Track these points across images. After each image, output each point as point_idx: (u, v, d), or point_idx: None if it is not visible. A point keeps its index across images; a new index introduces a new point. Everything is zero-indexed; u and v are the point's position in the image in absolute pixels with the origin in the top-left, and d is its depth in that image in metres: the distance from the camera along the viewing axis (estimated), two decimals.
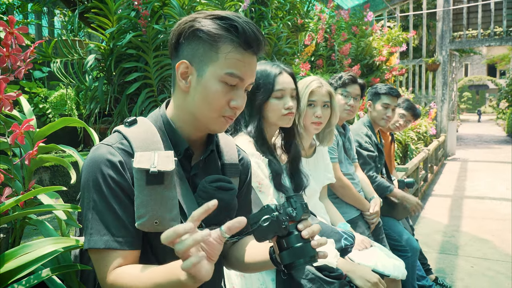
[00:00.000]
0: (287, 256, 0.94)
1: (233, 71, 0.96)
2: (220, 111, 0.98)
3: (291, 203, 0.96)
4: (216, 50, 0.95)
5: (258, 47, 0.97)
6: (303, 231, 0.94)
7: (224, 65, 0.95)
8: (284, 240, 0.94)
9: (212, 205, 0.76)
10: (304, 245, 0.93)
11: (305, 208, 0.96)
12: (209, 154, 1.08)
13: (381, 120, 2.92)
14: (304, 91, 1.93)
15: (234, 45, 0.95)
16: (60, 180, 2.21)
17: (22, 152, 1.22)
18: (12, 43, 1.21)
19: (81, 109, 3.19)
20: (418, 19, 14.03)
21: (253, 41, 0.96)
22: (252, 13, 4.04)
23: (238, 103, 0.98)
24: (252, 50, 0.97)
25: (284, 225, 0.93)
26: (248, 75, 0.99)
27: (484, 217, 5.27)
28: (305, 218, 0.97)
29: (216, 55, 0.95)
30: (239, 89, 0.99)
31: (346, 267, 1.60)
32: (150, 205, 0.91)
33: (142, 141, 0.97)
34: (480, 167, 9.44)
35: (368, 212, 2.45)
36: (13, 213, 1.12)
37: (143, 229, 0.92)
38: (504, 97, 16.80)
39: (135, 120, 1.02)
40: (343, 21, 6.69)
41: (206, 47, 0.96)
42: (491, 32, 10.22)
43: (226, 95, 0.97)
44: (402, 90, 9.58)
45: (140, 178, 0.92)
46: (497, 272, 3.46)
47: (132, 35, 2.69)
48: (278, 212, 0.93)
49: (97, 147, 0.96)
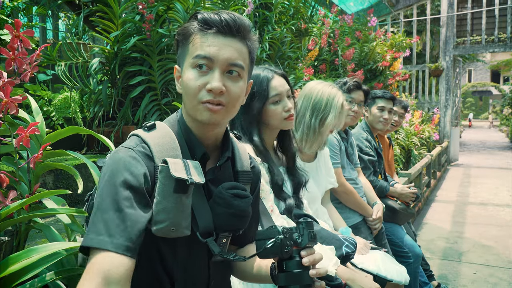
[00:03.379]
0: (284, 279, 0.95)
1: (198, 53, 0.97)
2: (196, 96, 0.97)
3: (299, 229, 0.96)
4: (187, 44, 1.00)
5: (223, 27, 0.97)
6: (304, 258, 0.95)
7: (192, 52, 0.98)
8: (285, 262, 0.95)
9: None
10: (302, 272, 0.94)
11: (312, 237, 0.97)
12: (225, 161, 1.08)
13: (378, 123, 2.94)
14: (335, 104, 1.95)
15: (196, 31, 0.99)
16: (64, 183, 2.22)
17: (29, 155, 1.23)
18: (18, 46, 1.22)
19: (85, 112, 3.20)
20: (421, 24, 14.03)
21: (214, 22, 0.97)
22: (256, 17, 4.06)
23: (212, 84, 0.96)
24: (215, 29, 0.97)
25: (287, 249, 0.94)
26: (215, 54, 0.97)
27: (487, 223, 5.25)
28: (310, 246, 0.97)
29: (187, 48, 1.00)
30: (214, 71, 0.97)
31: (346, 275, 1.60)
32: (172, 213, 0.91)
33: (162, 146, 0.97)
34: (483, 173, 9.41)
35: (371, 218, 2.44)
36: (18, 216, 1.12)
37: (158, 234, 0.91)
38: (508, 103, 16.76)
39: (154, 125, 1.02)
40: (347, 26, 6.69)
41: (183, 46, 1.02)
42: (495, 38, 10.21)
43: (199, 79, 0.97)
44: (405, 96, 9.58)
45: (167, 185, 0.91)
46: (500, 279, 3.44)
47: (136, 38, 2.70)
48: (283, 236, 0.94)
49: (117, 150, 0.96)
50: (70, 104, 3.08)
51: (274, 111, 1.59)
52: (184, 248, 0.99)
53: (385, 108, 2.94)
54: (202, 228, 0.97)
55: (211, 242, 0.98)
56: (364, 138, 2.88)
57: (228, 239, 1.06)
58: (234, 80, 1.00)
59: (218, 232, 1.01)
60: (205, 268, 1.05)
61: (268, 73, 1.61)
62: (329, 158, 2.20)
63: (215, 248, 0.98)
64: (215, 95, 0.96)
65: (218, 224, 1.00)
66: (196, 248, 1.02)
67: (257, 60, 3.59)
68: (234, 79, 1.00)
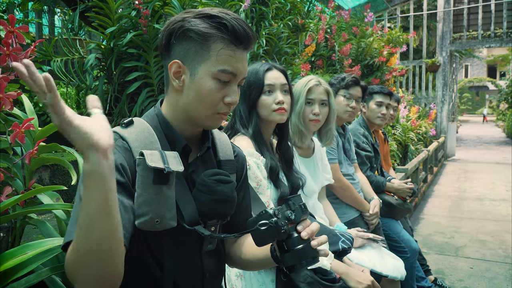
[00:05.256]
0: (289, 259, 0.94)
1: (225, 68, 0.97)
2: (215, 108, 0.99)
3: (290, 205, 0.96)
4: (208, 48, 0.97)
5: (248, 42, 0.99)
6: (302, 232, 0.94)
7: (216, 62, 0.97)
8: (285, 242, 0.94)
9: None
10: (305, 246, 0.93)
11: (304, 209, 0.96)
12: (205, 151, 1.08)
13: (376, 119, 2.96)
14: (302, 89, 1.97)
15: (225, 42, 0.97)
16: (60, 178, 2.21)
17: (23, 151, 1.22)
18: (13, 42, 1.21)
19: (81, 108, 3.18)
20: (418, 20, 14.02)
21: (243, 37, 0.97)
22: (253, 13, 4.04)
23: (232, 98, 0.99)
24: (243, 46, 0.99)
25: (283, 229, 0.93)
26: (240, 70, 1.00)
27: (484, 218, 5.27)
28: (304, 219, 0.97)
29: (208, 53, 0.97)
30: (232, 85, 1.00)
31: (340, 269, 1.60)
32: (154, 204, 0.91)
33: (140, 141, 0.97)
34: (480, 168, 9.45)
35: (368, 213, 2.45)
36: (13, 212, 1.12)
37: (143, 228, 0.91)
38: (504, 98, 16.81)
39: (132, 121, 1.02)
40: (344, 22, 6.69)
41: (197, 46, 0.97)
42: (491, 33, 10.22)
43: (220, 92, 0.98)
44: (402, 91, 9.59)
45: (146, 176, 0.92)
46: (496, 273, 3.46)
47: (132, 34, 2.69)
48: (276, 217, 0.93)
49: None
50: (66, 100, 3.07)
51: (265, 100, 1.60)
52: (172, 240, 0.99)
53: (383, 103, 2.95)
54: (187, 218, 0.97)
55: (199, 228, 0.98)
56: (361, 134, 2.89)
57: (217, 227, 1.05)
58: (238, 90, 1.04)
59: (205, 220, 1.01)
60: (197, 260, 1.05)
61: (266, 66, 1.63)
62: (325, 155, 2.20)
63: (205, 232, 0.97)
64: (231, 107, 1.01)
65: (204, 212, 1.00)
66: (185, 240, 1.02)
67: (254, 56, 3.58)
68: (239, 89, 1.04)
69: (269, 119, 1.62)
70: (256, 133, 1.59)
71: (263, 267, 1.13)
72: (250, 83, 1.59)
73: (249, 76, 1.59)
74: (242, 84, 1.05)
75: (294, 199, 0.96)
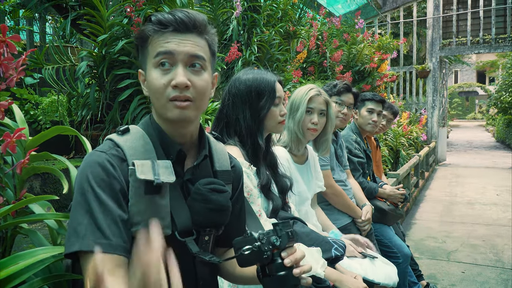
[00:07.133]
0: (270, 284, 0.94)
1: (158, 51, 0.98)
2: (163, 95, 0.98)
3: (277, 231, 0.94)
4: (146, 46, 1.01)
5: (178, 24, 0.98)
6: (285, 259, 0.93)
7: (152, 52, 0.99)
8: (267, 267, 0.94)
9: None
10: (287, 273, 0.92)
11: (291, 236, 0.95)
12: (202, 159, 1.08)
13: (367, 125, 2.98)
14: (303, 98, 1.99)
15: (154, 32, 0.99)
16: (51, 187, 2.20)
17: (14, 161, 1.21)
18: (4, 51, 1.21)
19: (73, 115, 3.17)
20: (408, 26, 14.17)
21: (169, 20, 0.97)
22: (245, 20, 4.07)
23: (177, 80, 0.96)
24: (172, 27, 0.98)
25: (266, 255, 0.92)
26: (175, 49, 0.97)
27: (475, 222, 5.31)
28: (290, 245, 0.95)
29: (146, 50, 1.01)
30: (177, 67, 0.98)
31: (333, 276, 1.61)
32: (147, 214, 0.92)
33: (135, 149, 0.97)
34: (471, 173, 9.53)
35: (360, 219, 2.46)
36: (4, 223, 1.11)
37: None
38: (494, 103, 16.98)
39: (128, 129, 1.02)
40: (335, 28, 6.74)
41: (143, 49, 1.02)
42: (480, 39, 10.34)
43: (163, 77, 0.97)
44: (393, 97, 9.66)
45: (138, 187, 0.92)
46: (488, 277, 3.49)
47: (124, 41, 2.69)
48: (260, 242, 0.93)
49: (90, 154, 0.96)
50: (57, 108, 3.05)
51: (274, 112, 1.59)
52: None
53: (374, 110, 2.97)
54: (180, 226, 0.97)
55: (189, 241, 0.98)
56: (353, 140, 2.90)
57: (210, 237, 1.05)
58: (198, 73, 1.00)
59: (198, 229, 1.01)
60: (191, 268, 1.05)
61: (275, 77, 1.62)
62: (318, 162, 2.21)
63: (194, 248, 0.97)
64: (181, 90, 0.97)
65: (198, 221, 1.00)
66: (179, 248, 1.02)
67: (246, 63, 3.59)
68: (197, 72, 1.00)
69: (273, 130, 1.63)
70: (254, 144, 1.57)
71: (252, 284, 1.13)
72: (262, 92, 1.56)
73: (260, 84, 1.56)
74: (194, 65, 1.00)
75: (281, 224, 0.95)
